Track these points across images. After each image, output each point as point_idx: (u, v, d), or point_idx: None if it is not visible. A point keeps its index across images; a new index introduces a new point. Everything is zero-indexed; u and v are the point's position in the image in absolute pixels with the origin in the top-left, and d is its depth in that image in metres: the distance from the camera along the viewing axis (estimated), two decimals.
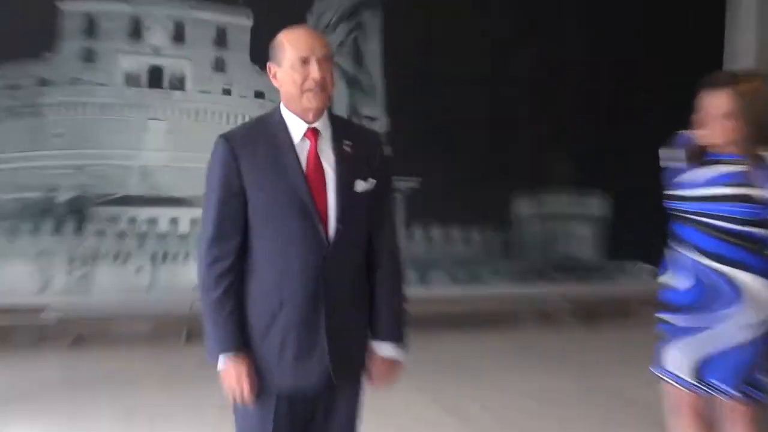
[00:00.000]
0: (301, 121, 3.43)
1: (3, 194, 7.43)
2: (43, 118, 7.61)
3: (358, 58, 7.98)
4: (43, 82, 7.65)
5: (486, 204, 8.42)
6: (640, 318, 8.64)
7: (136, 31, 7.84)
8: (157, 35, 7.82)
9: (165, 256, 7.72)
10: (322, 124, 3.51)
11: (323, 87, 3.41)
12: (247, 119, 6.65)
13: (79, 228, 7.61)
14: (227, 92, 7.98)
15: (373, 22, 7.98)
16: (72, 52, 7.70)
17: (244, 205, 3.45)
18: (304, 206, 3.39)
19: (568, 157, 8.64)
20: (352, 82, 7.89)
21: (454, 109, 8.33)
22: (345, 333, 3.59)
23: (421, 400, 6.58)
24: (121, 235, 7.73)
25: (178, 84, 7.88)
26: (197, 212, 7.74)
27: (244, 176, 3.42)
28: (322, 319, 3.56)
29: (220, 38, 7.88)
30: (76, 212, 7.61)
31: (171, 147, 7.93)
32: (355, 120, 7.81)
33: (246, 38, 7.96)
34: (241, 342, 3.56)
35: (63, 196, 7.64)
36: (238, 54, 7.97)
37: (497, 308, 8.49)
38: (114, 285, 7.67)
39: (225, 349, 3.74)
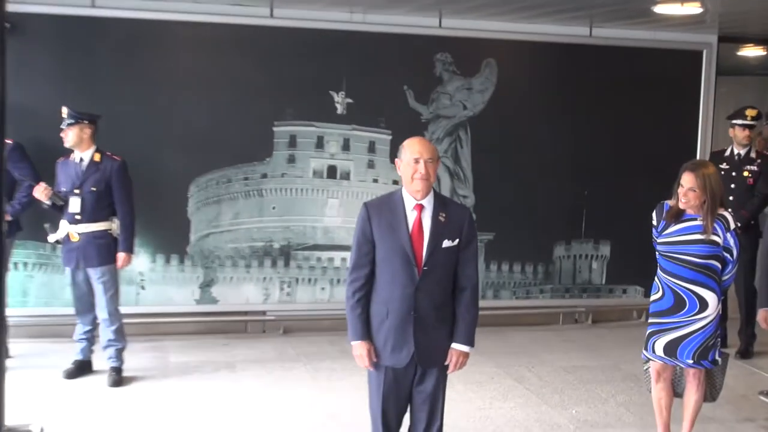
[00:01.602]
0: (412, 199, 3.61)
1: (243, 243, 7.63)
2: (264, 198, 7.65)
3: (456, 158, 8.00)
4: (264, 176, 7.63)
5: (536, 248, 8.37)
6: (635, 321, 8.73)
7: (320, 143, 7.65)
8: (333, 146, 7.73)
9: (338, 281, 7.78)
10: (427, 201, 3.64)
11: (426, 178, 3.59)
12: None
13: (287, 264, 7.74)
14: (375, 181, 7.84)
15: (466, 136, 8.07)
16: (281, 157, 7.61)
17: (373, 248, 3.65)
18: (406, 255, 3.63)
19: (585, 215, 8.55)
20: (452, 174, 7.86)
21: (517, 188, 8.15)
22: (428, 336, 3.75)
23: (497, 371, 6.87)
24: (312, 268, 7.80)
25: (346, 176, 7.77)
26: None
27: (373, 231, 3.64)
28: (410, 327, 3.72)
29: (371, 147, 7.78)
30: (285, 254, 7.73)
31: (341, 214, 7.79)
32: (454, 198, 7.96)
33: (387, 147, 7.79)
34: (365, 333, 3.79)
35: (276, 245, 7.74)
36: (382, 157, 7.82)
37: (543, 314, 8.60)
38: (308, 297, 7.79)
39: (355, 338, 3.83)
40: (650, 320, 4.66)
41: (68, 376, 6.24)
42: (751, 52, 9.73)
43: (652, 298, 4.64)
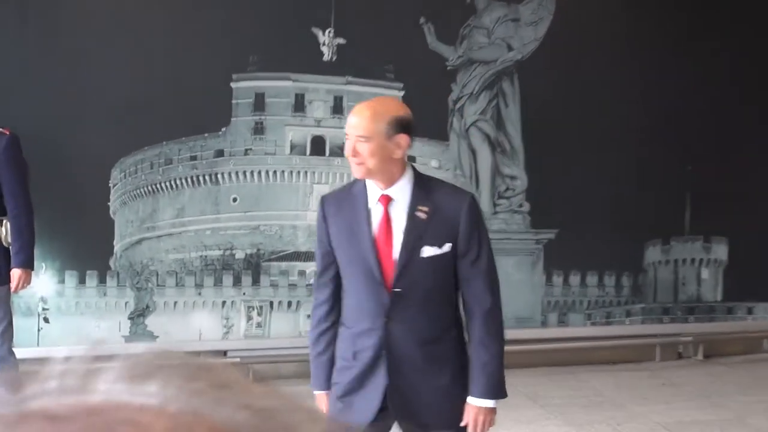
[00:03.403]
0: (377, 188, 3.60)
1: (191, 252, 7.65)
2: (220, 185, 7.76)
3: (498, 122, 8.02)
4: (220, 153, 7.74)
5: (619, 250, 8.42)
6: (765, 353, 8.73)
7: (299, 104, 7.79)
8: (318, 108, 7.84)
9: None
10: (397, 190, 3.77)
11: (358, 161, 3.55)
12: None
13: (255, 281, 7.78)
14: None
15: (511, 89, 8.09)
16: (244, 125, 7.73)
17: (335, 260, 3.70)
18: (371, 272, 3.62)
19: (691, 206, 8.62)
20: (493, 145, 7.88)
21: (588, 165, 8.29)
22: (409, 382, 3.73)
23: (565, 431, 6.87)
24: (292, 287, 7.84)
25: (339, 151, 7.75)
26: None
27: (330, 236, 3.70)
28: (381, 379, 3.70)
29: None
30: (253, 267, 7.76)
31: None
32: (498, 180, 7.90)
33: None
34: (329, 381, 3.87)
35: (240, 253, 7.80)
36: None
37: (632, 346, 8.62)
38: (287, 330, 7.80)
39: (315, 387, 3.92)
40: None
41: None
42: None
43: None
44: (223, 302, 7.82)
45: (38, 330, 7.45)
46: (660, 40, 8.31)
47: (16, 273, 6.15)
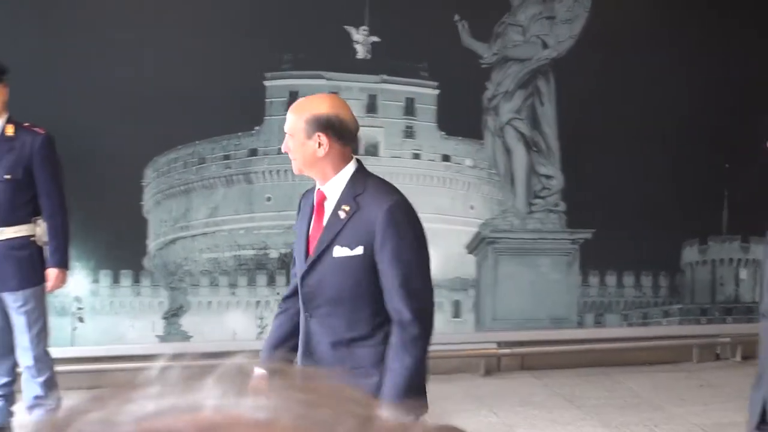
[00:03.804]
0: (318, 185, 3.71)
1: (225, 252, 7.68)
2: (254, 185, 7.78)
3: (534, 121, 8.00)
4: (253, 152, 7.75)
5: (656, 250, 8.39)
6: None
7: None
8: (352, 106, 7.80)
9: None
10: (330, 188, 3.84)
11: (291, 157, 3.65)
12: (434, 181, 7.02)
13: (289, 281, 7.88)
14: (416, 156, 7.93)
15: (547, 87, 8.08)
16: (277, 125, 7.54)
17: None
18: (302, 266, 3.73)
19: (728, 205, 8.56)
20: (528, 144, 7.85)
21: (624, 164, 8.25)
22: None
23: None
24: None
25: (372, 150, 7.87)
26: None
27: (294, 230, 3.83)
28: None
29: (409, 107, 7.88)
30: (287, 267, 7.51)
31: None
32: (534, 179, 7.88)
33: (432, 107, 7.89)
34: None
35: (274, 253, 7.82)
36: (425, 121, 7.92)
37: (669, 347, 8.60)
38: None
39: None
40: None
41: None
42: None
43: None
44: (257, 302, 7.85)
45: (73, 329, 7.53)
46: (697, 36, 8.26)
47: (52, 273, 6.22)
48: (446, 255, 7.88)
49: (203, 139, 7.71)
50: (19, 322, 6.24)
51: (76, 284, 7.42)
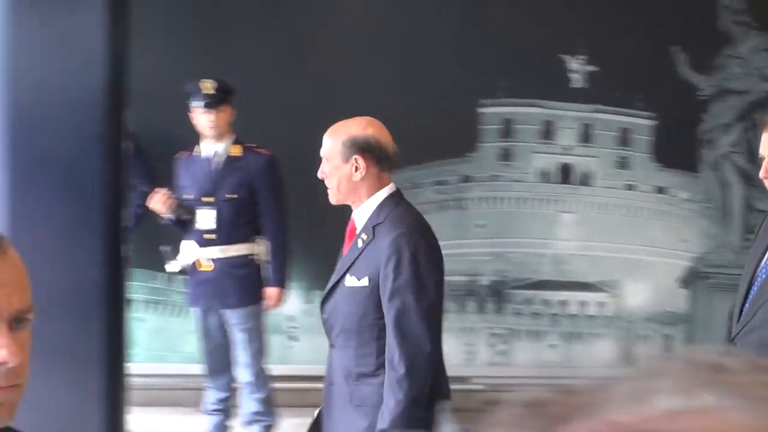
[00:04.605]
0: None
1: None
2: (466, 211, 7.89)
3: (752, 155, 7.91)
4: (466, 179, 7.87)
5: None
6: None
7: (548, 131, 7.87)
8: (567, 135, 7.88)
9: (576, 335, 7.90)
10: (360, 214, 3.85)
11: (327, 183, 3.64)
12: (647, 213, 7.02)
13: (499, 308, 7.86)
14: (629, 187, 7.90)
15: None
16: (491, 151, 7.85)
17: None
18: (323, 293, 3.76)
19: None
20: (746, 178, 7.61)
21: None
22: (333, 425, 3.71)
23: None
24: (536, 315, 7.90)
25: (586, 180, 7.88)
26: (604, 297, 7.75)
27: None
28: (323, 407, 3.79)
29: (624, 138, 7.90)
30: (497, 295, 7.83)
31: (580, 237, 7.91)
32: (750, 215, 7.81)
33: (647, 138, 7.88)
34: None
35: (485, 280, 7.89)
36: (640, 152, 7.91)
37: None
38: (531, 358, 7.86)
39: None
40: None
41: None
42: None
43: None
44: (467, 328, 7.95)
45: (285, 348, 7.81)
46: None
47: (272, 291, 6.50)
48: (656, 288, 7.88)
49: (416, 165, 7.82)
50: (239, 339, 6.48)
51: (289, 303, 7.57)
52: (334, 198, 3.92)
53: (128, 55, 4.30)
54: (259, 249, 6.47)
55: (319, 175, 3.93)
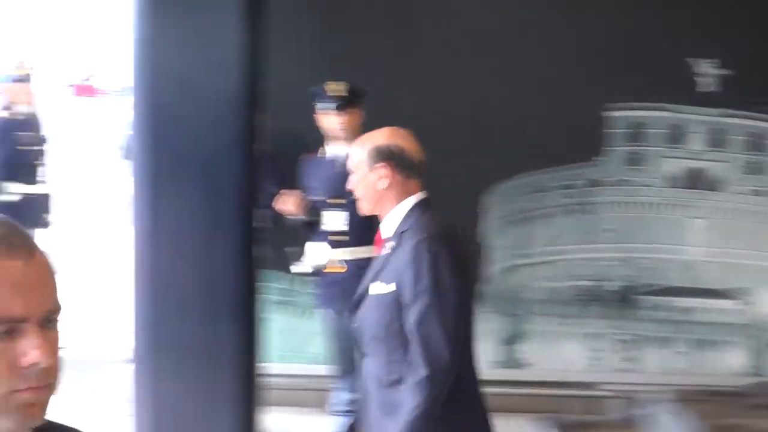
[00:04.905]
0: None
1: (561, 282, 7.80)
2: (593, 216, 7.83)
3: None
4: (593, 183, 7.80)
5: None
6: None
7: (677, 135, 7.75)
8: (697, 139, 7.76)
9: (703, 342, 7.81)
10: (388, 223, 3.91)
11: (355, 195, 3.73)
12: None
13: (626, 314, 7.80)
14: (756, 193, 7.81)
15: None
16: (619, 156, 7.77)
17: None
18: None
19: None
20: None
21: None
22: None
23: None
24: (661, 322, 7.82)
25: (715, 185, 7.78)
26: (734, 304, 7.57)
27: None
28: (360, 417, 3.89)
29: (754, 143, 7.76)
30: (624, 300, 7.77)
31: (709, 243, 7.80)
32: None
33: None
34: None
35: (611, 285, 7.82)
36: None
37: None
38: (658, 365, 7.83)
39: None
40: None
41: None
42: None
43: None
44: (592, 334, 7.92)
45: None
46: None
47: None
48: None
49: (543, 168, 7.86)
50: None
51: None
52: (363, 208, 4.00)
53: (265, 58, 4.34)
54: None
55: (348, 186, 4.02)
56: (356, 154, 3.94)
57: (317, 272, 6.61)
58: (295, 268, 6.74)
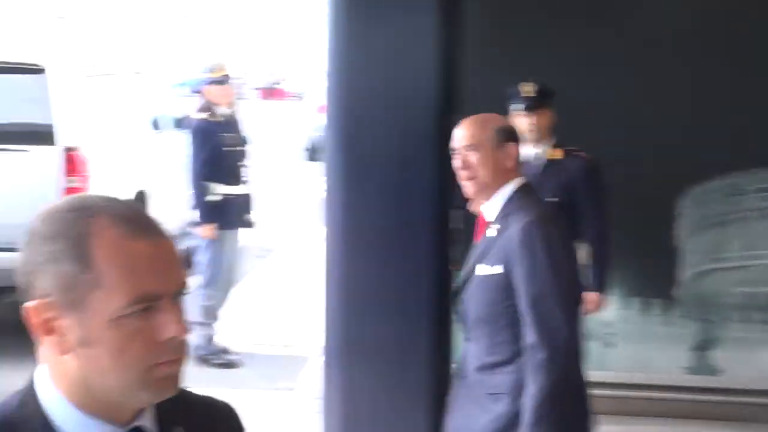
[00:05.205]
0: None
1: (759, 287, 7.64)
2: None
3: None
4: None
5: None
6: None
7: None
8: None
9: None
10: (489, 207, 3.90)
11: (467, 176, 3.71)
12: None
13: None
14: None
15: None
16: None
17: None
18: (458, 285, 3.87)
19: None
20: None
21: None
22: (465, 415, 3.83)
23: None
24: None
25: None
26: None
27: None
28: (454, 396, 4.01)
29: None
30: None
31: None
32: None
33: None
34: None
35: None
36: None
37: None
38: None
39: None
40: None
41: None
42: None
43: None
44: None
45: (601, 354, 7.69)
46: None
47: (592, 296, 6.53)
48: None
49: (741, 170, 7.68)
50: None
51: (608, 309, 7.51)
52: (475, 189, 3.92)
53: (460, 58, 4.36)
54: (579, 253, 6.47)
55: (459, 166, 3.90)
56: (478, 132, 3.90)
57: None
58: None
